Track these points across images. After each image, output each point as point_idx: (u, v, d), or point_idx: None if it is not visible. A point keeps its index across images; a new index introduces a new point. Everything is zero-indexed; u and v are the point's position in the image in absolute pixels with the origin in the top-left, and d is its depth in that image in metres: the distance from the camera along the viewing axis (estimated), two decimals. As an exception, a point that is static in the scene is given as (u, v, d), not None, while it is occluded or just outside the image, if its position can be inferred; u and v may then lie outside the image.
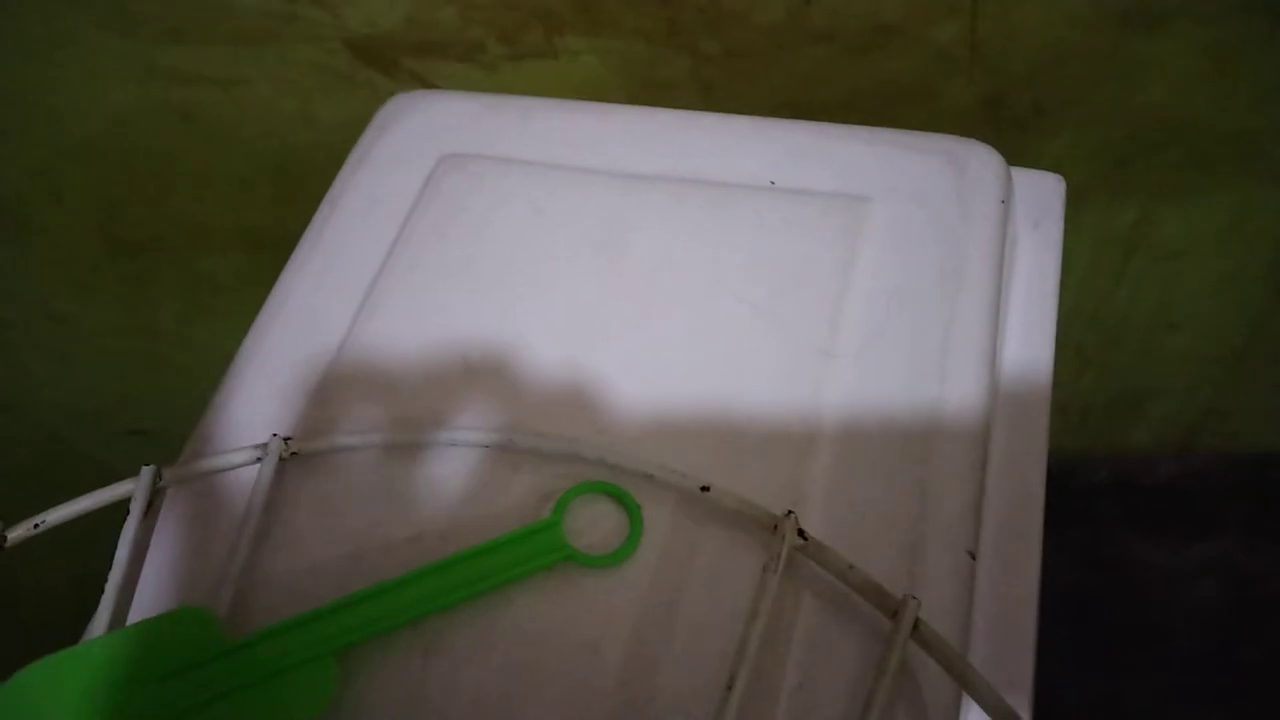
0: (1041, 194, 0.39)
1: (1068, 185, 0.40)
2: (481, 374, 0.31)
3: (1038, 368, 0.34)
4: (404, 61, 0.56)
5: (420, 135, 0.37)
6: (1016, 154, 0.60)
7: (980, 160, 0.34)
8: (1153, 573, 0.84)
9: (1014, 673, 0.29)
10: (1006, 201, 0.33)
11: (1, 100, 0.60)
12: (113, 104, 0.60)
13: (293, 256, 0.35)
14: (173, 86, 0.59)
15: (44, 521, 0.28)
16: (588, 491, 0.28)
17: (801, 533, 0.26)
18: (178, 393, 0.86)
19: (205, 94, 0.59)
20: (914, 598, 0.24)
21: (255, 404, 0.31)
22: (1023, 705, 0.28)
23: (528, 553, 0.27)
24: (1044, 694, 0.30)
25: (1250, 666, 0.79)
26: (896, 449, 0.28)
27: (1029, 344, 0.35)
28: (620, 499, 0.28)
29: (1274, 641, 0.80)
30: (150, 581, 0.28)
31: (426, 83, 0.57)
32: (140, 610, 0.27)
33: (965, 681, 0.23)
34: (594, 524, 0.27)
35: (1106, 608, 0.81)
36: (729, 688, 0.23)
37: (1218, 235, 0.66)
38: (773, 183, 0.34)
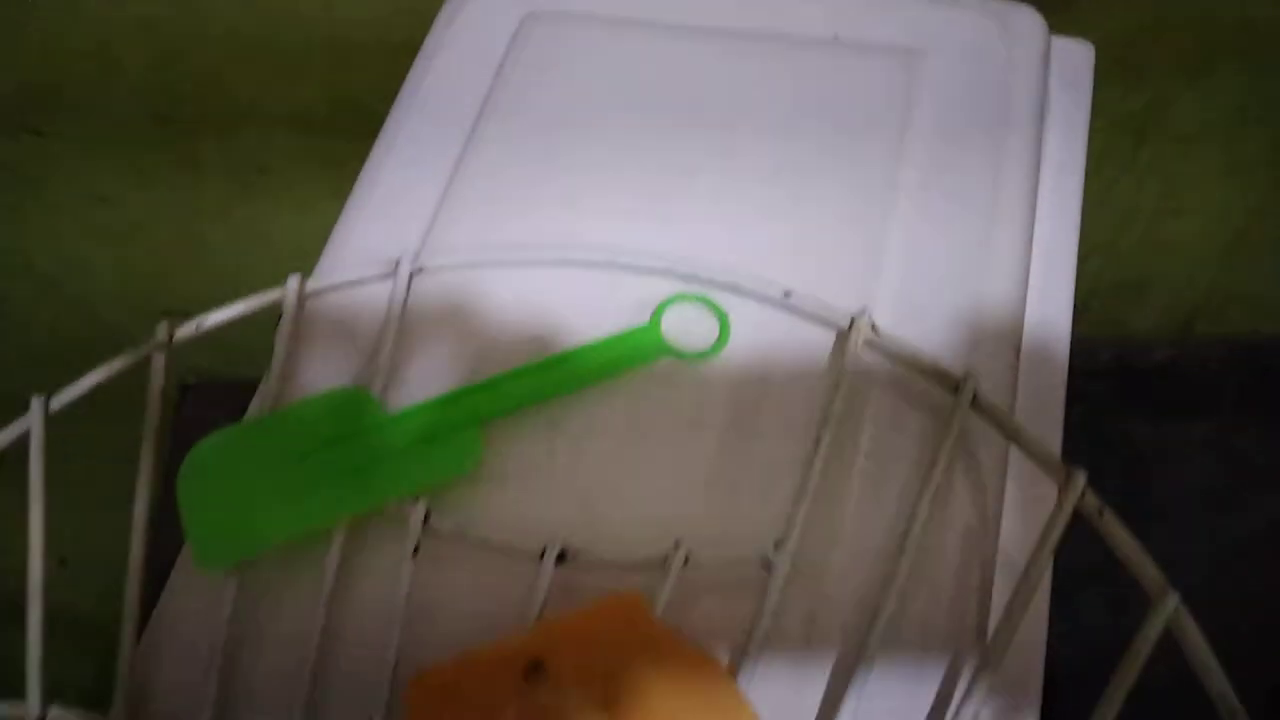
0: (1073, 59, 0.42)
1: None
2: (581, 205, 0.35)
3: (1068, 209, 0.38)
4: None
5: (503, -5, 0.40)
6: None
7: (1023, 20, 0.37)
8: (1151, 450, 0.90)
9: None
10: (1046, 57, 0.37)
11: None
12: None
13: (395, 106, 0.39)
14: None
15: (204, 323, 0.33)
16: (682, 301, 0.32)
17: (873, 327, 0.30)
18: (215, 274, 0.89)
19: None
20: (973, 373, 0.28)
21: (376, 233, 0.35)
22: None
23: (633, 349, 0.31)
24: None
25: (1242, 536, 0.84)
26: (953, 261, 0.32)
27: (1060, 188, 0.38)
28: (710, 307, 0.32)
29: (1264, 512, 0.86)
30: (303, 374, 0.32)
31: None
32: (296, 396, 0.31)
33: (1018, 438, 0.27)
34: (688, 329, 0.32)
35: (1107, 483, 0.86)
36: (816, 442, 0.28)
37: (1226, 121, 0.69)
38: (837, 36, 0.37)
